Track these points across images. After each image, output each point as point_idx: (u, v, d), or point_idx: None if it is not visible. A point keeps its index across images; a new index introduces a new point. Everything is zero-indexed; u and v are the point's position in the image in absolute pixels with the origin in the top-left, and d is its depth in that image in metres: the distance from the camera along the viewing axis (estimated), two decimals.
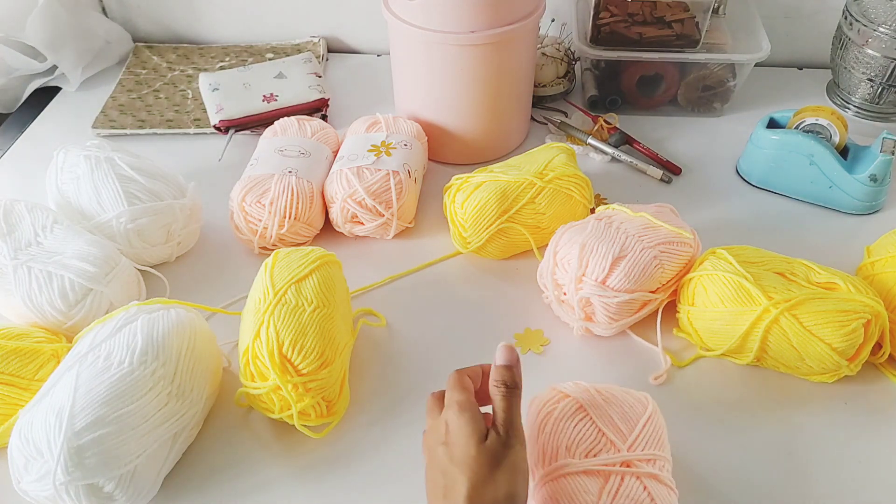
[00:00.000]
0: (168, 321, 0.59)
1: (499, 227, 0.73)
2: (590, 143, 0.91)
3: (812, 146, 0.79)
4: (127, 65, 1.06)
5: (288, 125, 0.84)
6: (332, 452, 0.61)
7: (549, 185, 0.74)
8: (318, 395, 0.59)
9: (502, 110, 0.87)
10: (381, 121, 0.83)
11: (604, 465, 0.50)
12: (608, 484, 0.49)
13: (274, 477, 0.60)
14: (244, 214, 0.75)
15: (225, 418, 0.64)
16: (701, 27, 0.89)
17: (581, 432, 0.52)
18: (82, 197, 0.73)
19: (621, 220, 0.68)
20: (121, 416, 0.53)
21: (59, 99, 1.02)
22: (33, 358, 0.61)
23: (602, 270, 0.64)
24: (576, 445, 0.51)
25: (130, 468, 0.53)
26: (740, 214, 0.83)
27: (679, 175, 0.88)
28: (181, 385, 0.57)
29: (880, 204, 0.82)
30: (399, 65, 0.87)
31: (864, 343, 0.63)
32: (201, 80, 0.96)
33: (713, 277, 0.65)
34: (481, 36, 0.77)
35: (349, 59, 1.10)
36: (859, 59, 0.89)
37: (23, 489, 0.53)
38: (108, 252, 0.69)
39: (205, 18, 1.10)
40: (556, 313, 0.70)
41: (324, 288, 0.63)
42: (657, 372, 0.66)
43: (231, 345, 0.69)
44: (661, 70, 0.93)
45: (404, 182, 0.76)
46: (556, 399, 0.55)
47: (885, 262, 0.68)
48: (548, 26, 1.01)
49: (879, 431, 0.62)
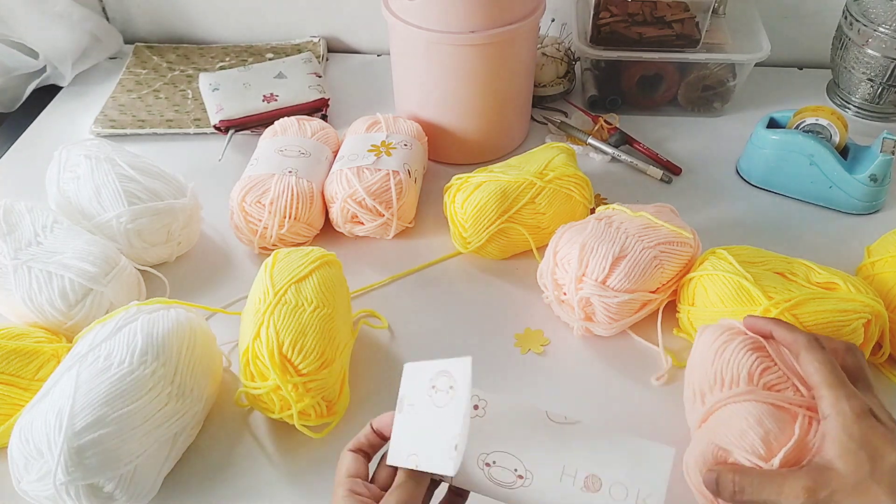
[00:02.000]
0: (168, 321, 0.59)
1: (499, 227, 0.73)
2: (590, 143, 0.91)
3: (812, 146, 0.79)
4: (127, 65, 1.06)
5: (288, 125, 0.84)
6: (332, 452, 0.61)
7: (549, 185, 0.74)
8: (319, 395, 0.59)
9: (502, 110, 0.87)
10: (381, 121, 0.83)
11: (790, 403, 0.48)
12: (797, 422, 0.47)
13: (274, 477, 0.60)
14: (244, 214, 0.75)
15: (225, 418, 0.64)
16: (701, 27, 0.89)
17: (764, 365, 0.51)
18: (82, 197, 0.73)
19: (621, 220, 0.68)
20: (121, 416, 0.53)
21: (59, 99, 1.02)
22: (33, 358, 0.61)
23: (602, 270, 0.64)
24: (758, 376, 0.50)
25: (130, 468, 0.53)
26: (740, 214, 0.83)
27: (679, 175, 0.88)
28: (181, 385, 0.57)
29: (880, 204, 0.82)
30: (399, 65, 0.87)
31: (864, 343, 0.62)
32: (201, 80, 0.96)
33: (713, 277, 0.65)
34: (481, 36, 0.77)
35: (349, 59, 1.10)
36: (859, 59, 0.89)
37: (23, 489, 0.53)
38: (108, 252, 0.69)
39: (205, 18, 1.10)
40: (556, 313, 0.70)
41: (324, 288, 0.63)
42: (658, 372, 0.66)
43: (231, 345, 0.69)
44: (661, 70, 0.93)
45: (404, 182, 0.76)
46: (736, 331, 0.54)
47: (885, 262, 0.68)
48: (548, 26, 1.01)
49: None
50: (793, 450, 0.46)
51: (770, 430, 0.47)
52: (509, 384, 0.66)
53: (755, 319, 0.54)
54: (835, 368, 0.47)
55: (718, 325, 0.56)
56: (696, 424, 0.53)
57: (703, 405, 0.51)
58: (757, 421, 0.47)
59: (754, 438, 0.47)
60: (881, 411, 0.46)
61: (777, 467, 0.46)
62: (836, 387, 0.45)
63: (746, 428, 0.47)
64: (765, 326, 0.53)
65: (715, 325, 0.56)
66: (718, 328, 0.55)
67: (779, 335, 0.51)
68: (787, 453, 0.46)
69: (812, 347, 0.48)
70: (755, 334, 0.54)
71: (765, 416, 0.47)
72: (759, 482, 0.45)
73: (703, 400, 0.52)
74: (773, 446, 0.47)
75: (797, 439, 0.46)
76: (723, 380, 0.51)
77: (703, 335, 0.56)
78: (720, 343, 0.53)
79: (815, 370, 0.47)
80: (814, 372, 0.47)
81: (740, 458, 0.47)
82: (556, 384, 0.66)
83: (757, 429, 0.47)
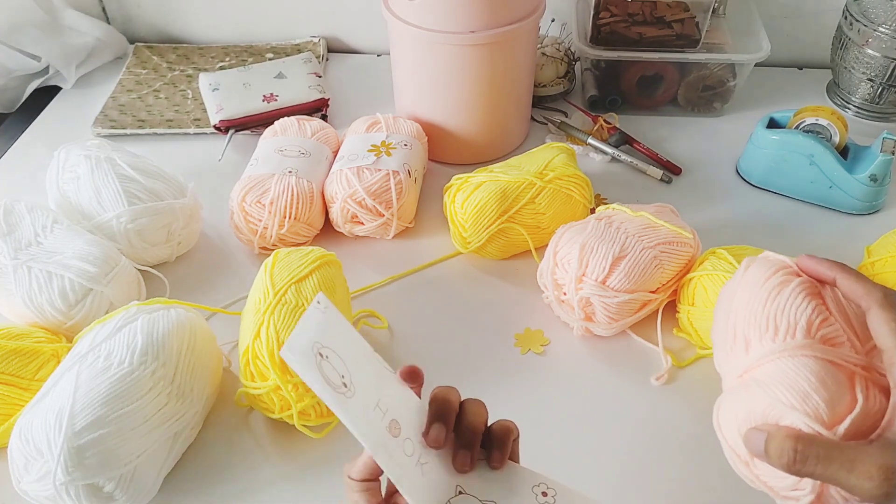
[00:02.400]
0: (168, 321, 0.59)
1: (499, 227, 0.73)
2: (590, 143, 0.91)
3: (812, 146, 0.79)
4: (127, 65, 1.06)
5: (288, 125, 0.84)
6: (332, 452, 0.61)
7: (549, 185, 0.74)
8: None
9: (502, 110, 0.87)
10: (381, 121, 0.83)
11: (848, 361, 0.43)
12: (857, 386, 0.42)
13: (274, 477, 0.60)
14: (244, 214, 0.75)
15: (225, 418, 0.64)
16: (701, 27, 0.89)
17: (823, 316, 0.44)
18: (82, 197, 0.73)
19: (621, 220, 0.68)
20: (121, 417, 0.53)
21: (58, 99, 1.02)
22: (33, 358, 0.61)
23: (602, 270, 0.64)
24: (816, 328, 0.44)
25: (130, 468, 0.53)
26: (740, 214, 0.83)
27: (679, 175, 0.88)
28: (181, 385, 0.57)
29: (880, 204, 0.82)
30: (399, 65, 0.87)
31: None
32: (201, 80, 0.96)
33: (713, 277, 0.65)
34: (481, 36, 0.77)
35: (349, 59, 1.10)
36: (859, 59, 0.89)
37: (23, 489, 0.53)
38: (108, 252, 0.69)
39: (205, 18, 1.10)
40: (556, 313, 0.70)
41: (324, 288, 0.63)
42: (658, 372, 0.66)
43: (231, 345, 0.69)
44: (661, 70, 0.93)
45: (404, 182, 0.76)
46: (791, 271, 0.47)
47: (885, 262, 0.68)
48: (548, 26, 1.01)
49: None
50: (858, 417, 0.41)
51: (834, 392, 0.41)
52: (509, 384, 0.66)
53: (816, 262, 0.46)
54: None
55: (769, 260, 0.49)
56: (735, 372, 0.46)
57: (748, 353, 0.45)
58: (820, 382, 0.42)
59: (818, 401, 0.41)
60: None
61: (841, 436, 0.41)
62: None
63: (808, 389, 0.42)
64: (828, 272, 0.45)
65: (765, 260, 0.49)
66: (770, 264, 0.48)
67: (845, 285, 0.44)
68: (854, 421, 0.41)
69: (887, 305, 0.42)
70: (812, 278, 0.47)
71: (827, 376, 0.42)
72: (827, 454, 0.40)
73: (747, 346, 0.45)
74: (838, 411, 0.41)
75: (862, 406, 0.41)
76: (776, 327, 0.44)
77: (752, 270, 0.48)
78: (775, 283, 0.46)
79: (888, 332, 0.41)
80: (888, 333, 0.41)
81: (798, 423, 0.41)
82: (556, 384, 0.66)
83: (821, 391, 0.41)
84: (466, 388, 0.65)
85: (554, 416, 0.64)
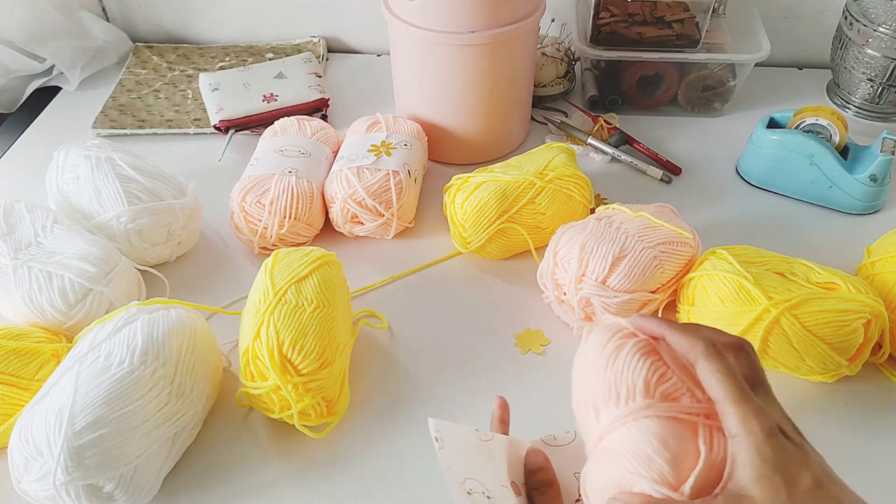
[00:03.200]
0: (168, 321, 0.59)
1: (499, 227, 0.73)
2: (590, 143, 0.91)
3: (812, 146, 0.79)
4: (127, 65, 1.06)
5: (288, 125, 0.84)
6: (332, 452, 0.61)
7: (549, 185, 0.74)
8: (318, 395, 0.59)
9: (502, 110, 0.87)
10: (381, 121, 0.83)
11: (690, 412, 0.44)
12: (700, 436, 0.43)
13: (274, 477, 0.60)
14: (244, 214, 0.75)
15: (225, 418, 0.64)
16: (701, 27, 0.89)
17: (660, 372, 0.46)
18: (82, 197, 0.73)
19: (621, 220, 0.68)
20: (121, 416, 0.53)
21: (58, 99, 1.02)
22: (33, 358, 0.61)
23: (602, 270, 0.64)
24: (655, 386, 0.45)
25: (130, 468, 0.53)
26: (740, 214, 0.83)
27: (679, 175, 0.88)
28: (181, 385, 0.57)
29: (880, 204, 0.82)
30: (399, 65, 0.87)
31: (865, 343, 0.62)
32: (201, 80, 0.96)
33: (713, 277, 0.64)
34: (481, 36, 0.77)
35: (349, 59, 1.10)
36: (859, 59, 0.89)
37: (23, 489, 0.53)
38: (108, 252, 0.69)
39: (205, 18, 1.10)
40: (556, 313, 0.70)
41: (324, 288, 0.63)
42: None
43: (231, 345, 0.69)
44: (661, 70, 0.93)
45: (404, 182, 0.76)
46: (626, 333, 0.49)
47: (885, 262, 0.68)
48: (548, 26, 1.01)
49: (879, 431, 0.62)
50: (703, 472, 0.42)
51: (676, 452, 0.43)
52: (509, 384, 0.66)
53: (645, 320, 0.48)
54: (737, 380, 0.43)
55: (607, 325, 0.50)
56: (592, 441, 0.47)
57: (599, 422, 0.46)
58: (662, 443, 0.43)
59: (661, 465, 0.42)
60: (785, 423, 0.43)
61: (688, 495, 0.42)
62: (742, 402, 0.42)
63: (651, 453, 0.43)
64: (657, 329, 0.47)
65: (603, 326, 0.50)
66: (607, 329, 0.49)
67: (673, 341, 0.47)
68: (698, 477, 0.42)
69: (711, 356, 0.44)
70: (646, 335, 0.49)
71: (669, 435, 0.43)
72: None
73: (597, 416, 0.47)
74: (682, 469, 0.42)
75: (705, 459, 0.42)
76: (618, 393, 0.46)
77: (592, 338, 0.50)
78: (612, 349, 0.47)
79: (716, 382, 0.43)
80: (715, 384, 0.43)
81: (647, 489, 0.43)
82: (556, 384, 0.66)
83: (664, 453, 0.43)
84: (466, 388, 0.66)
85: (554, 417, 0.63)
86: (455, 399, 0.65)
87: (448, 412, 0.64)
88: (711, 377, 0.43)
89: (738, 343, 0.46)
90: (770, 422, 0.41)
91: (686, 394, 0.45)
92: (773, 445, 0.40)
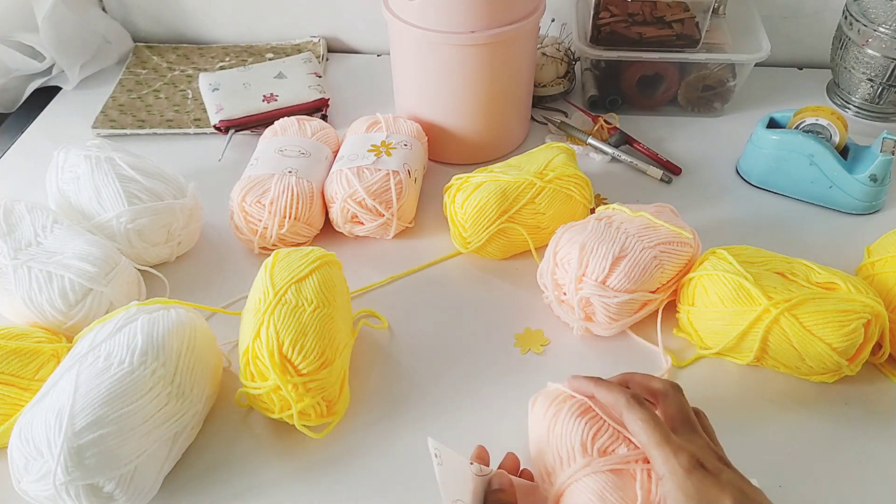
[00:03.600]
0: (168, 321, 0.59)
1: (499, 227, 0.73)
2: (590, 143, 0.91)
3: (812, 146, 0.79)
4: (127, 65, 1.06)
5: (288, 125, 0.84)
6: (332, 452, 0.61)
7: (549, 185, 0.74)
8: (318, 395, 0.59)
9: (502, 110, 0.87)
10: (381, 121, 0.83)
11: (626, 461, 0.48)
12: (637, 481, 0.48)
13: (274, 477, 0.60)
14: (244, 214, 0.75)
15: (225, 418, 0.64)
16: (701, 27, 0.89)
17: (595, 429, 0.51)
18: (82, 197, 0.73)
19: (621, 220, 0.68)
20: (121, 417, 0.53)
21: (58, 99, 1.02)
22: (33, 358, 0.61)
23: (602, 270, 0.64)
24: (591, 443, 0.50)
25: (130, 468, 0.53)
26: (740, 214, 0.83)
27: (679, 175, 0.88)
28: (181, 385, 0.57)
29: (880, 204, 0.82)
30: (399, 65, 0.87)
31: (864, 343, 0.63)
32: (201, 80, 0.96)
33: (713, 277, 0.65)
34: (481, 36, 0.77)
35: (349, 59, 1.10)
36: (859, 59, 0.89)
37: (23, 489, 0.53)
38: (108, 252, 0.69)
39: (205, 18, 1.10)
40: (556, 313, 0.70)
41: (324, 288, 0.63)
42: (658, 372, 0.66)
43: (231, 345, 0.69)
44: (661, 70, 0.93)
45: (404, 182, 0.76)
46: (563, 397, 0.54)
47: (885, 262, 0.68)
48: (548, 26, 1.01)
49: (879, 431, 0.62)
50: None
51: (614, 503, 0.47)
52: (509, 384, 0.66)
53: (578, 381, 0.54)
54: (658, 424, 0.47)
55: (546, 393, 0.55)
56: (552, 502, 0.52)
57: (553, 486, 0.51)
58: (599, 498, 0.47)
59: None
60: (706, 454, 0.47)
61: None
62: (663, 444, 0.46)
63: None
64: (587, 388, 0.53)
65: (542, 396, 0.55)
66: (545, 398, 0.54)
67: (601, 397, 0.51)
68: None
69: (632, 406, 0.48)
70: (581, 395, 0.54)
71: (606, 488, 0.48)
72: None
73: (551, 481, 0.51)
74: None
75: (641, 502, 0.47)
76: (561, 458, 0.50)
77: (535, 408, 0.55)
78: (550, 416, 0.53)
79: (639, 429, 0.47)
80: (639, 431, 0.47)
81: None
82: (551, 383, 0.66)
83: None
84: (466, 388, 0.66)
85: None
86: (455, 399, 0.65)
87: (448, 412, 0.64)
88: (635, 425, 0.48)
89: (664, 388, 0.52)
90: (688, 457, 0.45)
91: (623, 443, 0.50)
92: (693, 481, 0.45)
